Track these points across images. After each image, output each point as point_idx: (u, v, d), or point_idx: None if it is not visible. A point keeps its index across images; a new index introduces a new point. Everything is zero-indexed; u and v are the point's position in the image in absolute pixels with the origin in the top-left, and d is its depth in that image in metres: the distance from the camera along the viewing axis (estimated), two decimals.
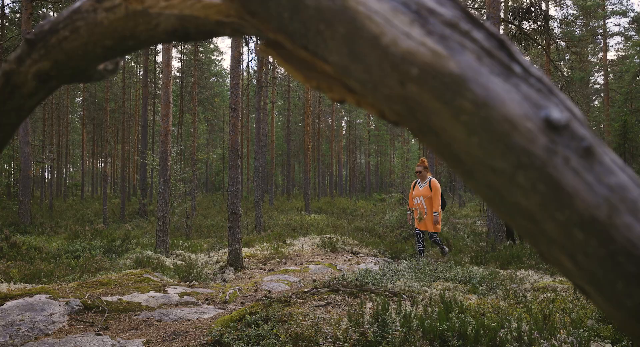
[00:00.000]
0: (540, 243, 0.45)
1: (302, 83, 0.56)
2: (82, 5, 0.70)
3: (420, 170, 8.29)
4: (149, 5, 0.62)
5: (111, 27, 0.66)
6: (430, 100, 0.43)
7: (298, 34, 0.47)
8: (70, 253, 8.03)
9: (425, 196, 8.19)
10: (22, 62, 0.80)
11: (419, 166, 8.36)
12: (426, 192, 8.21)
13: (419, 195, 8.32)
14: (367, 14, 0.44)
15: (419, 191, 8.33)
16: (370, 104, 0.51)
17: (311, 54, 0.48)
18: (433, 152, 0.48)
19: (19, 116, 0.94)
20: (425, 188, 8.25)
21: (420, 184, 8.39)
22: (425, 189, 8.25)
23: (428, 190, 8.22)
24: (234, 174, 6.55)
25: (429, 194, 8.18)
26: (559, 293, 4.88)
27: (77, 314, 4.03)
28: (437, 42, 0.43)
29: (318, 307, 4.37)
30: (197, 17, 0.59)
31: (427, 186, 8.27)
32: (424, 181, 8.36)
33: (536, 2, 9.50)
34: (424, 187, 8.28)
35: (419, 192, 8.30)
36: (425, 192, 8.22)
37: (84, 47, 0.71)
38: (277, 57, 0.56)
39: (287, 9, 0.46)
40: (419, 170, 8.32)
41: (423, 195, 8.23)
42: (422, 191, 8.25)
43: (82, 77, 0.81)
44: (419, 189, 8.35)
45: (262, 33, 0.54)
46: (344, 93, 0.53)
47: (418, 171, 8.37)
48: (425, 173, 8.36)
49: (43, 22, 0.78)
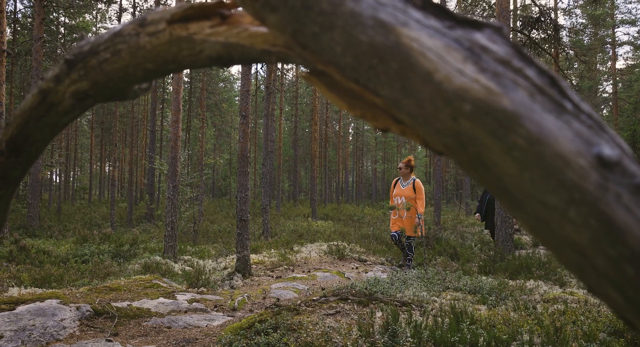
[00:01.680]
0: (589, 277, 0.45)
1: (347, 111, 0.56)
2: (124, 28, 0.71)
3: (402, 166, 7.84)
4: (193, 32, 0.63)
5: (154, 51, 0.67)
6: (483, 135, 0.44)
7: (350, 67, 0.48)
8: (79, 257, 8.07)
9: (407, 197, 7.70)
10: (60, 81, 0.82)
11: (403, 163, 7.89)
12: (409, 193, 7.72)
13: (400, 195, 7.81)
14: (421, 50, 0.45)
15: (400, 190, 7.82)
16: (416, 134, 0.52)
17: (361, 86, 0.49)
18: (481, 185, 0.49)
19: (52, 132, 0.96)
20: (408, 188, 7.76)
21: (403, 183, 7.89)
22: (408, 189, 7.76)
23: (411, 191, 7.73)
24: (243, 180, 6.57)
25: (412, 195, 7.70)
26: (570, 305, 4.84)
27: (87, 320, 4.05)
28: (491, 79, 0.44)
29: (327, 316, 4.36)
30: (242, 45, 0.60)
31: (410, 187, 7.76)
32: (406, 180, 7.87)
33: (546, 12, 9.51)
34: (406, 187, 7.79)
35: (401, 192, 7.80)
36: (408, 192, 7.73)
37: (125, 70, 0.72)
38: (321, 86, 0.57)
39: (340, 43, 0.47)
40: (401, 167, 7.86)
41: (405, 196, 7.74)
42: (404, 191, 7.77)
43: (119, 96, 0.83)
44: (400, 189, 7.84)
45: (310, 63, 0.55)
46: (389, 123, 0.54)
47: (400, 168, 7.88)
48: (409, 172, 7.88)
49: (82, 42, 0.80)
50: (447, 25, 0.46)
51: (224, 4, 0.63)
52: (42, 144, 1.00)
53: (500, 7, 8.38)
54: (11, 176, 1.05)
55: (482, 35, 0.46)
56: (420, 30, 0.46)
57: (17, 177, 1.06)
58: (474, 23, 0.47)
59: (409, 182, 7.82)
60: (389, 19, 0.46)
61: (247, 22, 0.61)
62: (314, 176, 20.24)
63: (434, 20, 0.47)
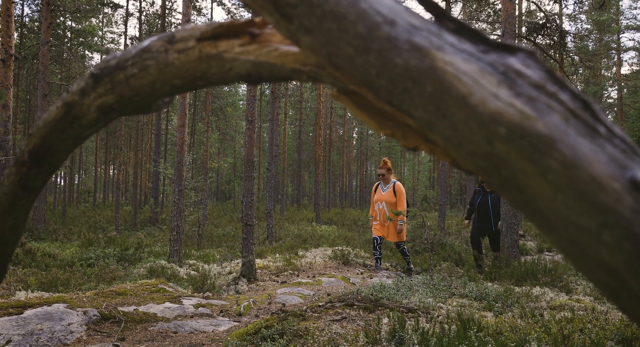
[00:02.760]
0: (622, 298, 0.46)
1: (376, 129, 0.57)
2: (152, 44, 0.72)
3: (384, 172, 7.57)
4: (223, 50, 0.64)
5: (182, 68, 0.68)
6: (517, 158, 0.45)
7: (384, 89, 0.49)
8: (85, 261, 8.09)
9: (388, 202, 7.46)
10: (86, 95, 0.83)
11: (382, 168, 7.62)
12: (389, 197, 7.48)
13: (381, 200, 7.57)
14: (455, 74, 0.46)
15: (381, 195, 7.58)
16: (446, 154, 0.53)
17: (395, 108, 0.50)
18: (513, 206, 0.49)
19: (74, 144, 0.97)
20: (389, 193, 7.52)
21: (383, 187, 7.63)
22: (388, 193, 7.51)
23: (392, 195, 7.50)
24: (249, 185, 6.58)
25: (393, 200, 7.46)
26: (577, 312, 4.82)
27: (94, 324, 4.06)
28: (525, 103, 0.45)
29: (333, 322, 4.35)
30: (272, 64, 0.61)
31: (390, 190, 7.53)
32: (387, 184, 7.62)
33: (552, 18, 9.52)
34: (387, 191, 7.55)
35: (382, 197, 7.55)
36: (388, 197, 7.49)
37: (152, 85, 0.73)
38: (350, 105, 0.58)
39: (375, 66, 0.48)
40: (382, 173, 7.57)
41: (386, 200, 7.49)
42: (385, 196, 7.52)
43: (143, 109, 0.84)
44: (381, 193, 7.60)
45: (340, 83, 0.56)
46: (418, 142, 0.55)
47: (381, 174, 7.58)
48: (389, 175, 7.61)
49: (108, 57, 0.81)
50: (481, 49, 0.47)
51: (254, 23, 0.64)
52: (64, 154, 1.01)
53: (506, 13, 8.39)
54: (32, 186, 1.06)
55: (516, 59, 0.47)
56: (455, 54, 0.46)
57: (38, 187, 1.07)
58: (507, 47, 0.47)
59: (389, 186, 7.60)
60: (424, 42, 0.47)
61: (276, 41, 0.62)
62: (318, 180, 20.25)
63: (468, 44, 0.48)
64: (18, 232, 1.16)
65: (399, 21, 0.47)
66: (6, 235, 1.14)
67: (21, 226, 1.16)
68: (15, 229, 1.15)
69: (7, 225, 1.12)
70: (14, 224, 1.13)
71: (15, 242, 1.21)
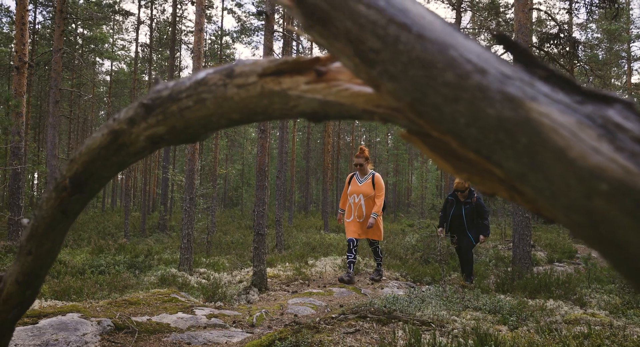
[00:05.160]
0: None
1: (451, 173, 0.56)
2: (208, 77, 0.71)
3: (362, 162, 6.65)
4: (288, 87, 0.63)
5: (242, 103, 0.67)
6: (619, 216, 0.43)
7: (472, 138, 0.47)
8: (95, 268, 8.11)
9: (366, 195, 6.56)
10: (135, 124, 0.82)
11: (359, 157, 6.70)
12: (368, 190, 6.57)
13: (357, 192, 6.62)
14: (552, 126, 0.44)
15: (357, 187, 6.63)
16: (531, 203, 0.51)
17: (482, 157, 0.48)
18: (607, 259, 0.47)
19: (117, 170, 0.97)
20: (367, 184, 6.60)
21: (360, 178, 6.69)
22: (366, 185, 6.60)
23: (370, 187, 6.59)
24: (261, 195, 6.58)
25: (371, 193, 6.56)
26: (593, 327, 4.75)
27: (108, 335, 4.05)
28: (628, 159, 0.43)
29: (347, 335, 4.32)
30: (341, 104, 0.60)
31: (369, 182, 6.62)
32: (364, 175, 6.69)
33: (565, 29, 9.49)
34: (364, 182, 6.62)
35: (358, 189, 6.61)
36: (366, 189, 6.58)
37: (208, 118, 0.72)
38: (423, 146, 0.57)
39: (464, 115, 0.47)
40: (360, 163, 6.64)
41: (364, 193, 6.57)
42: (362, 188, 6.59)
43: (193, 139, 0.83)
44: (357, 185, 6.64)
45: (416, 126, 0.54)
46: (498, 188, 0.53)
47: (358, 164, 6.64)
48: (367, 165, 6.69)
49: (159, 87, 0.80)
50: (576, 100, 0.46)
51: (319, 60, 0.63)
52: (106, 180, 1.00)
53: (519, 23, 8.37)
54: (71, 211, 1.05)
55: (614, 111, 0.45)
56: (550, 106, 0.45)
57: (77, 211, 1.07)
58: (603, 97, 0.46)
59: (367, 177, 6.68)
60: (517, 93, 0.45)
61: (345, 79, 0.60)
62: (326, 187, 20.22)
63: (562, 94, 0.46)
64: (54, 254, 1.16)
65: (489, 69, 0.46)
66: (42, 258, 1.13)
67: (57, 249, 1.16)
68: (51, 252, 1.14)
69: (44, 248, 1.11)
70: (50, 247, 1.12)
71: (50, 265, 1.20)
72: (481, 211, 7.58)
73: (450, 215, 7.70)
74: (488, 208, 8.29)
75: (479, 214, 7.57)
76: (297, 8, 0.52)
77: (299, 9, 0.51)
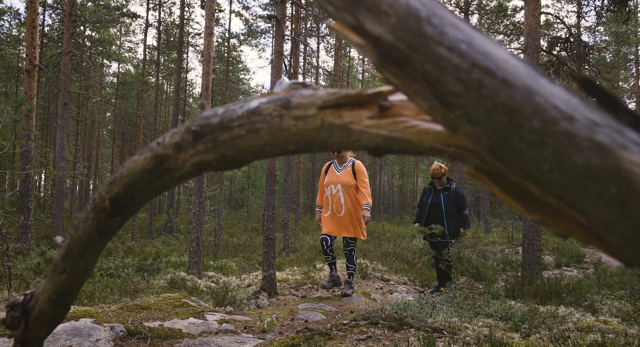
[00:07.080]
0: None
1: (522, 214, 0.55)
2: (262, 107, 0.70)
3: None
4: (349, 121, 0.62)
5: (299, 135, 0.67)
6: None
7: (556, 185, 0.47)
8: (104, 271, 8.13)
9: (345, 184, 5.72)
10: (182, 150, 0.82)
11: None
12: (347, 179, 5.73)
13: (335, 182, 5.77)
14: None
15: (336, 176, 5.79)
16: (613, 248, 0.50)
17: (565, 203, 0.47)
18: None
19: (157, 193, 0.96)
20: (347, 173, 5.77)
21: (338, 167, 5.86)
22: (346, 173, 5.76)
23: (350, 175, 5.75)
24: (271, 199, 6.58)
25: (351, 182, 5.73)
26: (607, 335, 4.72)
27: (121, 340, 4.06)
28: None
29: (359, 341, 4.31)
30: (408, 141, 0.59)
31: (348, 170, 5.78)
32: (342, 163, 5.85)
33: (576, 33, 9.45)
34: (343, 171, 5.79)
35: (337, 179, 5.77)
36: (346, 178, 5.74)
37: (262, 148, 0.71)
38: (492, 185, 0.56)
39: (549, 162, 0.46)
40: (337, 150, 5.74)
41: (342, 183, 5.72)
42: (341, 177, 5.75)
43: (241, 166, 0.82)
44: (335, 174, 5.80)
45: (492, 168, 0.53)
46: (573, 231, 0.52)
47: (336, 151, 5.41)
48: (345, 153, 5.73)
49: (207, 113, 0.79)
50: None
51: (381, 93, 0.62)
52: (145, 202, 1.00)
53: (529, 27, 8.34)
54: (108, 231, 1.05)
55: None
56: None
57: (114, 232, 1.06)
58: None
59: (346, 165, 5.84)
60: (606, 140, 0.44)
61: (410, 115, 0.60)
62: None
63: None
64: (88, 273, 1.15)
65: (577, 116, 0.45)
66: (77, 276, 1.13)
67: (91, 267, 1.15)
68: (86, 270, 1.14)
69: (79, 267, 1.11)
70: (85, 265, 1.12)
71: (83, 283, 1.20)
72: (460, 200, 7.13)
73: (427, 205, 7.19)
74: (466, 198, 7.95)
75: (457, 204, 7.11)
76: (372, 48, 0.51)
77: (374, 49, 0.51)
